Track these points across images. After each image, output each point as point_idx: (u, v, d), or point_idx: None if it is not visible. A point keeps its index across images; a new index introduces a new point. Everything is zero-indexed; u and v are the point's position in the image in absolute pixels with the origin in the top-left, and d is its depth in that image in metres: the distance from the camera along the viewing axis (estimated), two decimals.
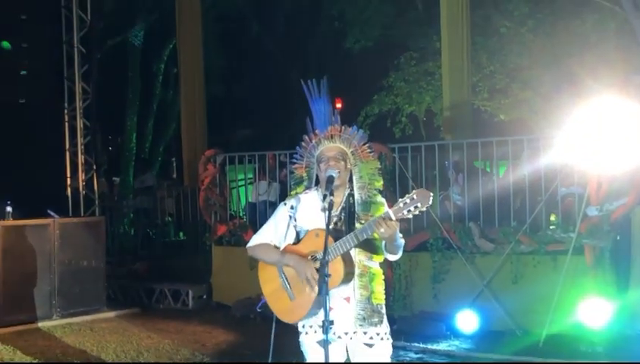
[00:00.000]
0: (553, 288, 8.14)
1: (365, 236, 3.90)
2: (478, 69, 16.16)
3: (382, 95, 18.22)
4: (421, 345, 8.21)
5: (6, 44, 11.48)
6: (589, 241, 8.04)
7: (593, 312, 7.82)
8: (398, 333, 8.52)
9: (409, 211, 3.80)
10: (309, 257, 4.04)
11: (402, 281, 9.35)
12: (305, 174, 4.37)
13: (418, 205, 3.78)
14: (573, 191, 8.73)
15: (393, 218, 3.83)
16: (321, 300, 3.79)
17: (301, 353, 4.27)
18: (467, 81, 11.59)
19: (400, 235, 4.08)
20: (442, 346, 8.28)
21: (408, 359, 7.82)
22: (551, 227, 8.89)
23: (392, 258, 4.17)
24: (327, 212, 3.91)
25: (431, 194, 3.80)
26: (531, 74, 15.64)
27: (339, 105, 20.73)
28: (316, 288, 3.90)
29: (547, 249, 8.51)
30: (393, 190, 9.25)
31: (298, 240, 4.20)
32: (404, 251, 4.22)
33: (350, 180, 4.22)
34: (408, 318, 9.13)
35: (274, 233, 4.27)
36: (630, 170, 7.82)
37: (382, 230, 3.80)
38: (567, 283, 8.15)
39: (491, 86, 16.60)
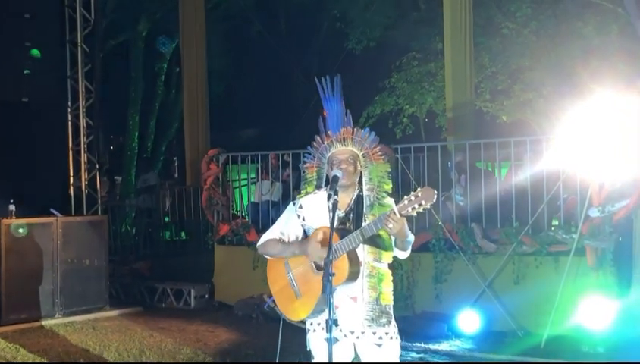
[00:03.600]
0: (554, 289, 8.17)
1: (371, 233, 3.96)
2: (481, 70, 16.15)
3: (384, 95, 18.21)
4: (423, 345, 8.23)
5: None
6: (591, 242, 8.04)
7: (595, 313, 7.82)
8: (400, 333, 8.50)
9: (413, 208, 3.86)
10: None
11: (404, 281, 9.36)
12: (315, 174, 4.43)
13: (423, 202, 3.83)
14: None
15: (398, 215, 3.88)
16: (326, 298, 3.83)
17: (307, 351, 4.31)
18: (470, 82, 11.59)
19: (410, 232, 4.13)
20: (443, 346, 8.30)
21: (409, 358, 7.84)
22: (553, 228, 8.92)
23: (402, 255, 4.25)
24: (331, 212, 3.95)
25: (436, 192, 3.86)
26: (533, 76, 15.62)
27: None
28: (319, 274, 3.96)
29: (549, 249, 8.53)
30: (396, 190, 9.24)
31: (306, 238, 4.25)
32: None
33: (360, 182, 4.26)
34: (410, 318, 9.15)
35: (282, 230, 4.35)
36: (632, 171, 7.84)
37: (390, 225, 3.86)
38: (569, 284, 8.18)
39: (493, 87, 16.58)
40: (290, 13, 23.85)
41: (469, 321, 8.60)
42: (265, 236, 4.39)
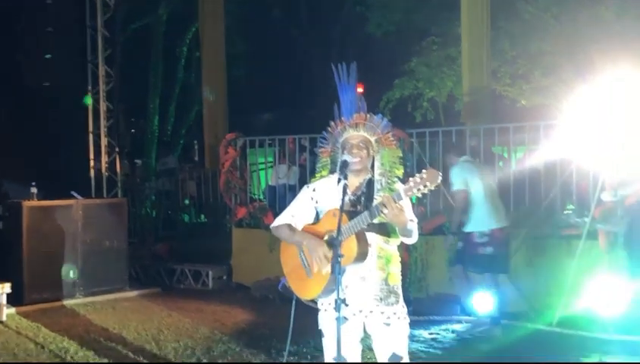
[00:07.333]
0: (566, 272, 8.23)
1: (377, 214, 4.04)
2: (500, 54, 16.11)
3: (404, 79, 18.21)
4: (436, 325, 8.36)
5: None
6: (603, 226, 8.09)
7: (605, 296, 7.88)
8: (413, 314, 8.62)
9: (418, 189, 3.95)
10: (325, 236, 4.20)
11: (418, 264, 9.46)
12: (329, 159, 4.53)
13: (428, 183, 3.93)
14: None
15: (403, 196, 4.00)
16: (336, 279, 3.94)
17: (318, 330, 4.43)
18: (486, 67, 11.61)
19: (412, 219, 4.22)
20: (456, 326, 8.45)
21: (422, 338, 7.94)
22: (565, 212, 8.97)
23: (407, 241, 4.32)
24: (342, 195, 4.07)
25: (440, 173, 3.94)
26: (553, 60, 15.55)
27: (360, 90, 20.73)
28: (328, 267, 4.05)
29: (562, 233, 8.60)
30: (412, 175, 9.30)
31: (318, 220, 4.37)
32: (420, 234, 4.35)
33: (373, 167, 4.37)
34: (423, 299, 9.28)
35: (293, 213, 4.45)
36: None
37: (385, 211, 3.96)
38: (581, 267, 8.23)
39: (513, 72, 16.54)
40: None
41: (481, 302, 8.66)
42: (278, 220, 4.50)
